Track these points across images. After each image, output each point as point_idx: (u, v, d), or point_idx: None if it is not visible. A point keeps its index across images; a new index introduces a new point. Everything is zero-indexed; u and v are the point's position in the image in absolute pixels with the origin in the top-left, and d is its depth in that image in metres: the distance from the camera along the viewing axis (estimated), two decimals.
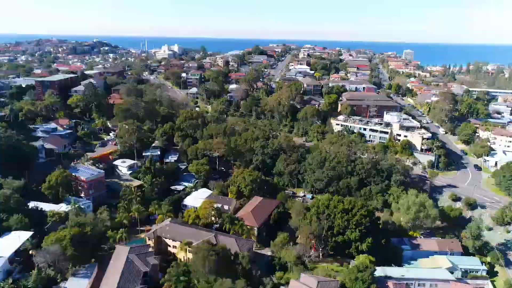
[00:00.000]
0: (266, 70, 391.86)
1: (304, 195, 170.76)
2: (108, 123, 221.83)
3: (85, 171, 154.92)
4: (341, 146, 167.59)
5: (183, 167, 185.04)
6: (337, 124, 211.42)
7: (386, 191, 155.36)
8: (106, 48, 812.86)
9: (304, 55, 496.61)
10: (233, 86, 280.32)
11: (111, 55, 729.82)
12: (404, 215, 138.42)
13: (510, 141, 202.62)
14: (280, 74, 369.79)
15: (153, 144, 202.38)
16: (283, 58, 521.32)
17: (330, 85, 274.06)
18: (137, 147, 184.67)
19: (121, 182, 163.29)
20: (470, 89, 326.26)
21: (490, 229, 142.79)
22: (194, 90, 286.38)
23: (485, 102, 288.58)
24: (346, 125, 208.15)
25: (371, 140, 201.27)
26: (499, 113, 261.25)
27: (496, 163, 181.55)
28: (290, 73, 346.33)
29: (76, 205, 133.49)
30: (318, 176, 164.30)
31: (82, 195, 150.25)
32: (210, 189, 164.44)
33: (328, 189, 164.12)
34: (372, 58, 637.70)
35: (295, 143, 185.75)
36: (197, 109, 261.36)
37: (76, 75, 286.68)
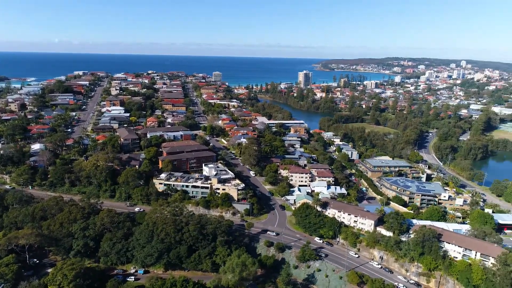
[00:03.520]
0: (74, 114, 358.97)
1: (136, 271, 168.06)
2: None
3: None
4: (167, 216, 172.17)
5: None
6: (160, 183, 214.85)
7: (214, 252, 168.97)
8: None
9: (116, 90, 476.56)
10: (36, 147, 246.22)
11: None
12: (230, 275, 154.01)
13: (302, 177, 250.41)
14: (92, 119, 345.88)
15: None
16: (92, 93, 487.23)
17: (149, 136, 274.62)
18: None
19: None
20: (269, 123, 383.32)
21: (296, 267, 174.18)
22: None
23: (281, 135, 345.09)
24: (169, 184, 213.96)
25: (195, 196, 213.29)
26: (293, 146, 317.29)
27: (295, 201, 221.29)
28: (103, 119, 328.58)
29: None
30: (148, 251, 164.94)
31: None
32: None
33: (159, 261, 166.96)
34: (185, 83, 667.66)
35: (118, 216, 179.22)
36: None
37: None
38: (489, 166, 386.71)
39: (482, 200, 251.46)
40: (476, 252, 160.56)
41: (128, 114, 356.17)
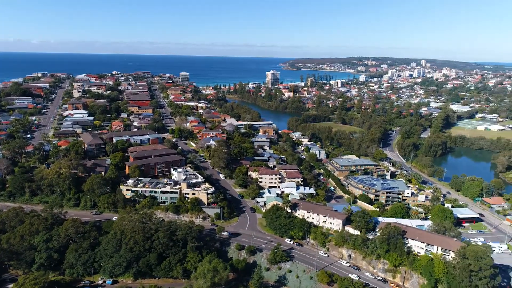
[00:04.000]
0: (34, 118, 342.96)
1: (104, 281, 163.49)
2: None
3: None
4: (136, 224, 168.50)
5: None
6: (127, 190, 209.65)
7: (184, 259, 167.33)
8: None
9: (79, 92, 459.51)
10: None
11: None
12: (202, 281, 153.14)
13: (272, 179, 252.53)
14: (53, 124, 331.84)
15: None
16: (53, 96, 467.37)
17: (114, 140, 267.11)
18: None
19: None
20: (238, 124, 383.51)
21: (267, 269, 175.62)
22: None
23: (250, 136, 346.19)
24: (137, 190, 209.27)
25: (164, 202, 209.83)
26: (262, 147, 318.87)
27: (265, 203, 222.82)
28: (66, 124, 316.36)
29: None
30: (116, 260, 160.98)
31: None
32: None
33: (129, 270, 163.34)
34: (151, 84, 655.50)
35: (84, 226, 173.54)
36: None
37: None
38: (448, 162, 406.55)
39: (442, 195, 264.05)
40: (437, 247, 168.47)
41: (92, 118, 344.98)
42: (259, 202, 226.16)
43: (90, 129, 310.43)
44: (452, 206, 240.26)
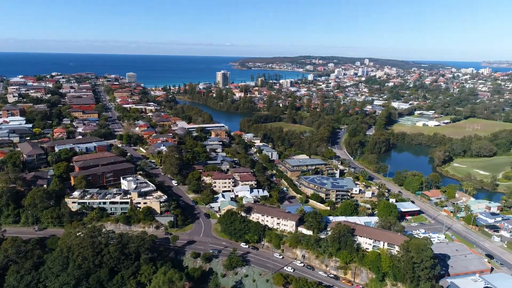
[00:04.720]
0: None
1: None
2: None
3: None
4: (84, 239, 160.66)
5: None
6: (73, 202, 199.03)
7: (138, 272, 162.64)
8: None
9: (14, 96, 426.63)
10: None
11: None
12: None
13: (225, 183, 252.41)
14: None
15: None
16: None
17: (57, 149, 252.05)
18: None
19: None
20: (189, 127, 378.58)
21: (224, 275, 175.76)
22: None
23: (202, 140, 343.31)
24: (84, 202, 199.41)
25: (114, 213, 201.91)
26: (215, 151, 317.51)
27: (219, 208, 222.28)
28: (0, 133, 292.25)
29: None
30: (64, 279, 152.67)
31: None
32: None
33: None
34: (96, 86, 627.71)
35: (26, 244, 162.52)
36: None
37: None
38: (391, 158, 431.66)
39: (387, 190, 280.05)
40: (383, 243, 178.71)
41: (30, 125, 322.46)
42: (213, 207, 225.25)
43: (29, 138, 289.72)
44: (396, 201, 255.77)
